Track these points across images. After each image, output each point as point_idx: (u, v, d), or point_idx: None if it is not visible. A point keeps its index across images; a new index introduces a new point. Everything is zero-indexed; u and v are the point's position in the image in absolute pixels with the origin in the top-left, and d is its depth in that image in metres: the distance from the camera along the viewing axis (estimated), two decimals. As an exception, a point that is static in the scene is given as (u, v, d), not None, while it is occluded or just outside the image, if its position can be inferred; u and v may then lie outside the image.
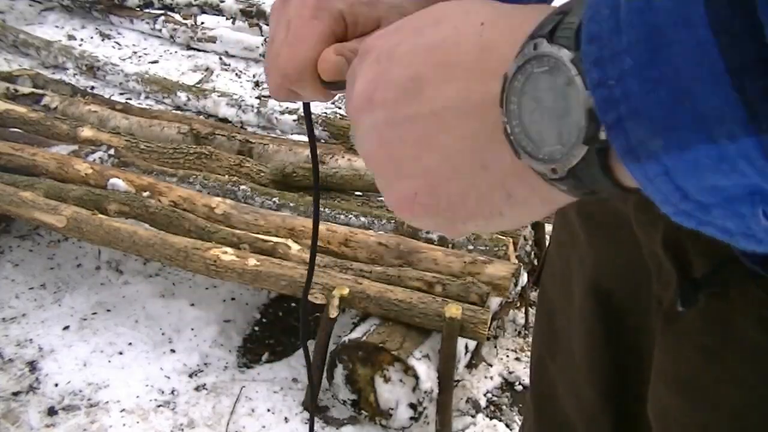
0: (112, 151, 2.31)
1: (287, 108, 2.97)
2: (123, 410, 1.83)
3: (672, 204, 0.27)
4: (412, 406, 1.73)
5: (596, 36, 0.26)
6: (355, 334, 1.75)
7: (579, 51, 0.27)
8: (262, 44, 3.53)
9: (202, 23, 3.84)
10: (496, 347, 2.09)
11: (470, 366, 2.00)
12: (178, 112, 3.00)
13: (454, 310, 1.67)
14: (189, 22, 3.83)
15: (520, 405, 1.94)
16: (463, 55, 0.33)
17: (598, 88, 0.26)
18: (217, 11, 3.84)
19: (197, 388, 1.91)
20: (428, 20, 0.36)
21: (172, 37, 3.74)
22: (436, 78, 0.33)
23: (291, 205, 2.11)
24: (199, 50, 3.69)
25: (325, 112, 3.05)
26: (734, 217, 0.26)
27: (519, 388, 1.98)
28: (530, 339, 2.10)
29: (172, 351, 2.00)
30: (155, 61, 3.62)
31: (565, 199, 0.32)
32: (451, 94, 0.33)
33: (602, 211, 0.57)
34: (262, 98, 3.15)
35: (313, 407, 0.57)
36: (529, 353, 2.13)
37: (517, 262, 1.94)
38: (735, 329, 0.45)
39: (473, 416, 1.88)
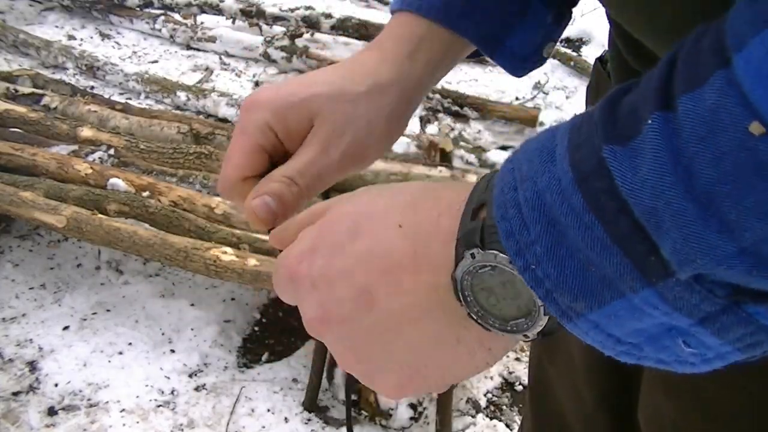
0: (112, 151, 2.31)
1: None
2: (123, 410, 1.83)
3: (610, 348, 0.31)
4: (412, 406, 1.73)
5: (510, 233, 0.31)
6: (355, 334, 1.75)
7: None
8: (261, 44, 3.53)
9: (202, 23, 3.84)
10: (496, 347, 2.09)
11: (470, 366, 2.00)
12: (178, 112, 3.00)
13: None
14: (189, 21, 3.83)
15: (520, 405, 1.94)
16: (399, 260, 0.36)
17: (525, 272, 0.31)
18: (217, 11, 3.84)
19: (197, 388, 1.91)
20: (344, 234, 0.37)
21: (171, 36, 3.74)
22: (383, 286, 0.36)
23: (291, 205, 2.10)
24: (198, 50, 3.69)
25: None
26: (662, 350, 0.30)
27: (519, 388, 1.98)
28: (530, 339, 2.10)
29: (172, 351, 2.00)
30: (155, 61, 3.62)
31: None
32: (405, 297, 0.36)
33: None
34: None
35: (348, 411, 0.56)
36: (529, 353, 2.14)
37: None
38: None
39: (473, 416, 1.88)
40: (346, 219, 0.38)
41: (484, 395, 1.95)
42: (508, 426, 1.87)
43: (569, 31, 3.83)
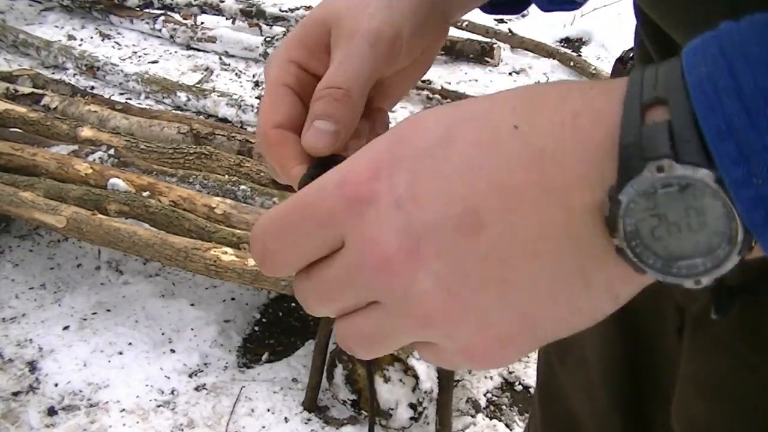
0: (112, 151, 2.31)
1: (287, 108, 2.97)
2: (123, 410, 1.84)
3: None
4: (412, 406, 1.73)
5: (726, 132, 0.24)
6: (355, 334, 1.75)
7: (717, 169, 0.24)
8: (261, 44, 3.53)
9: (202, 23, 3.84)
10: (496, 347, 2.09)
11: (470, 366, 2.00)
12: (178, 112, 3.00)
13: (454, 310, 1.67)
14: (189, 22, 3.83)
15: (520, 405, 1.94)
16: (518, 174, 0.27)
17: (741, 187, 0.24)
18: (217, 11, 3.84)
19: (197, 388, 1.91)
20: (434, 140, 0.28)
21: (172, 37, 3.74)
22: (495, 207, 0.27)
23: (291, 205, 2.10)
24: (199, 50, 3.69)
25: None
26: None
27: (519, 388, 1.98)
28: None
29: (172, 351, 2.00)
30: (155, 61, 3.62)
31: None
32: (526, 222, 0.27)
33: None
34: (262, 98, 3.15)
35: (373, 414, 0.50)
36: (537, 354, 2.14)
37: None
38: None
39: (473, 416, 1.88)
40: (434, 123, 0.29)
41: (484, 395, 1.95)
42: (508, 426, 1.87)
43: (569, 31, 3.83)
